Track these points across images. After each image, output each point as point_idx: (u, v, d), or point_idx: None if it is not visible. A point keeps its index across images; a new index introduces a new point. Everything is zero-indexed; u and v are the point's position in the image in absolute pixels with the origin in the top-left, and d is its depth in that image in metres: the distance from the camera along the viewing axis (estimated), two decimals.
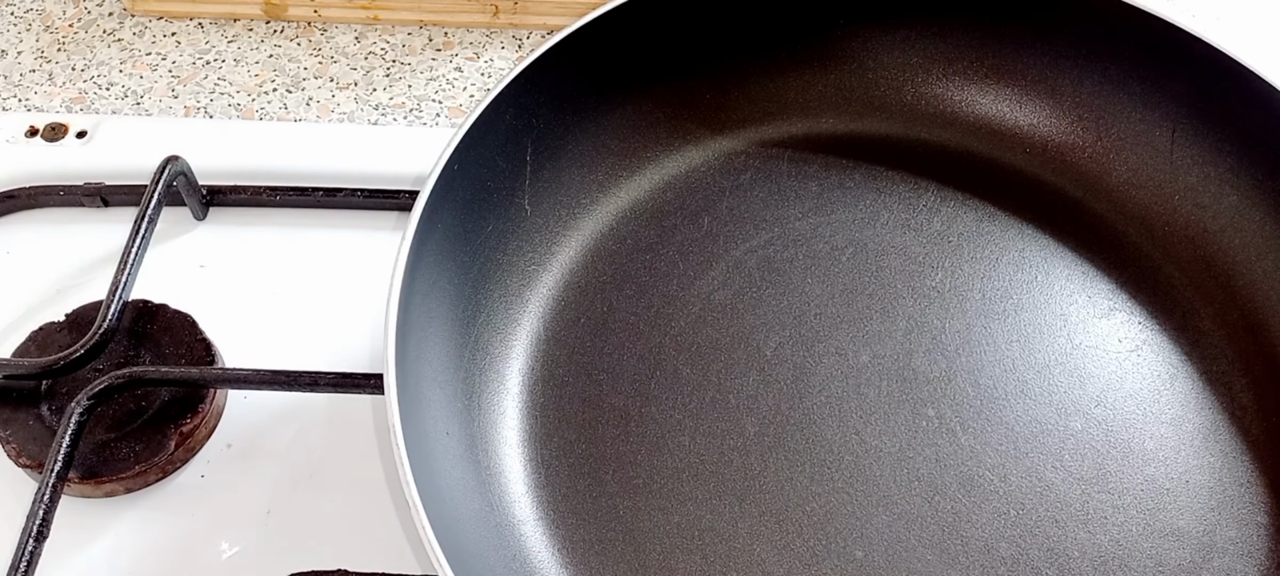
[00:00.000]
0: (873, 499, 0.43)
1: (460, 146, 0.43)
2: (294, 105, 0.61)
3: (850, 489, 0.43)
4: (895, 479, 0.44)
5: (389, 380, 0.38)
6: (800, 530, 0.43)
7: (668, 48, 0.50)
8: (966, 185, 0.51)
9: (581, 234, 0.49)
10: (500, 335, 0.46)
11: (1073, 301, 0.48)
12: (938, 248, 0.49)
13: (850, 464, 0.44)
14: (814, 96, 0.52)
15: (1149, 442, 0.44)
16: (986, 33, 0.51)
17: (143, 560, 0.45)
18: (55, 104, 0.61)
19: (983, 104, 0.52)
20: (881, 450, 0.44)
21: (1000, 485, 0.44)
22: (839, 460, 0.44)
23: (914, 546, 0.42)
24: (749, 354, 0.47)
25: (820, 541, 0.42)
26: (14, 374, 0.47)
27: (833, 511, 0.43)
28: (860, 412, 0.45)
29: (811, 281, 0.49)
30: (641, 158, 0.51)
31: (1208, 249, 0.48)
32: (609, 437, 0.45)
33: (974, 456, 0.44)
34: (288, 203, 0.54)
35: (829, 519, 0.43)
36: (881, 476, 0.44)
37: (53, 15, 0.65)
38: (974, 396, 0.46)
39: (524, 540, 0.42)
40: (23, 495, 0.45)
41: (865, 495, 0.43)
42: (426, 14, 0.64)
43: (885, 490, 0.43)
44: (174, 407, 0.47)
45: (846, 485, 0.44)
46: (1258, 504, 0.43)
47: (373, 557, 0.43)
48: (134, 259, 0.49)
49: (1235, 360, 0.46)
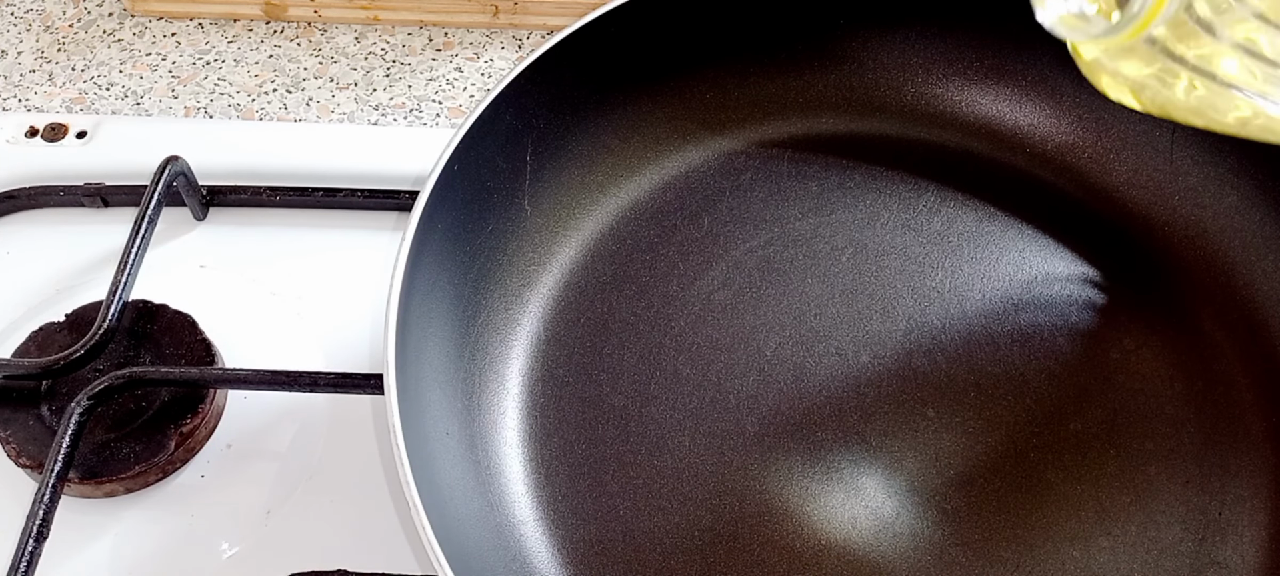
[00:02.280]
0: (872, 499, 0.43)
1: (460, 146, 0.43)
2: (294, 105, 0.61)
3: (850, 489, 0.43)
4: (895, 479, 0.44)
5: (389, 380, 0.38)
6: (800, 530, 0.43)
7: (667, 48, 0.50)
8: (966, 185, 0.51)
9: (581, 234, 0.49)
10: (500, 335, 0.46)
11: (1073, 302, 0.48)
12: (938, 248, 0.49)
13: (850, 464, 0.44)
14: (814, 96, 0.52)
15: (1149, 442, 0.44)
16: (986, 33, 0.51)
17: (143, 560, 0.45)
18: (55, 104, 0.61)
19: (983, 104, 0.52)
20: (881, 450, 0.44)
21: (1000, 485, 0.44)
22: (839, 460, 0.44)
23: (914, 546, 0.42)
24: (749, 354, 0.47)
25: (820, 542, 0.42)
26: (14, 374, 0.47)
27: (833, 512, 0.43)
28: (860, 412, 0.45)
29: (811, 281, 0.49)
30: (641, 158, 0.51)
31: (1208, 249, 0.48)
32: (609, 437, 0.45)
33: (974, 456, 0.44)
34: (288, 203, 0.54)
35: (829, 520, 0.43)
36: (882, 477, 0.44)
37: (53, 15, 0.65)
38: (974, 397, 0.46)
39: (524, 540, 0.42)
40: (23, 495, 0.45)
41: (865, 496, 0.43)
42: (426, 14, 0.64)
43: (885, 491, 0.43)
44: (174, 408, 0.47)
45: (847, 486, 0.44)
46: (1258, 504, 0.43)
47: (373, 557, 0.43)
48: (134, 259, 0.49)
49: (1235, 360, 0.46)
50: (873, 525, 0.43)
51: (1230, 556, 0.42)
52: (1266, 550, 0.42)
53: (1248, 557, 0.42)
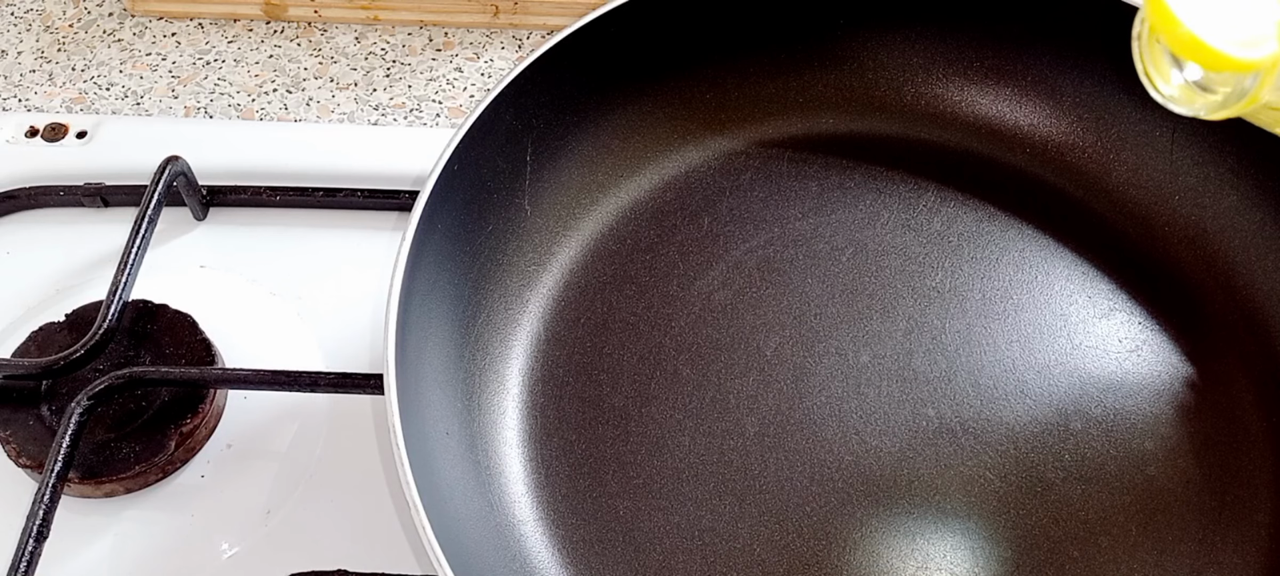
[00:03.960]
0: (872, 499, 0.43)
1: (460, 146, 0.43)
2: (294, 105, 0.61)
3: (850, 489, 0.43)
4: (895, 479, 0.44)
5: (389, 380, 0.38)
6: (800, 530, 0.43)
7: (668, 48, 0.50)
8: (966, 185, 0.51)
9: (581, 234, 0.49)
10: (500, 335, 0.46)
11: (1073, 301, 0.48)
12: (938, 248, 0.49)
13: (850, 464, 0.44)
14: (814, 96, 0.52)
15: (1149, 442, 0.44)
16: (986, 33, 0.51)
17: (143, 560, 0.45)
18: (55, 104, 0.61)
19: (983, 104, 0.52)
20: (881, 450, 0.44)
21: (1000, 485, 0.44)
22: (839, 460, 0.44)
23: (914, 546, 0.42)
24: (749, 354, 0.47)
25: (820, 542, 0.42)
26: (14, 374, 0.47)
27: (833, 512, 0.43)
28: (860, 412, 0.45)
29: (811, 281, 0.49)
30: (641, 158, 0.51)
31: (1208, 249, 0.48)
32: (609, 437, 0.45)
33: (974, 456, 0.44)
34: (288, 203, 0.54)
35: (829, 520, 0.43)
36: (882, 477, 0.44)
37: (53, 15, 0.65)
38: (974, 396, 0.46)
39: (524, 540, 0.42)
40: (23, 495, 0.45)
41: (865, 496, 0.43)
42: (426, 14, 0.64)
43: (885, 491, 0.43)
44: (174, 408, 0.47)
45: (846, 486, 0.44)
46: (1258, 504, 0.43)
47: (373, 557, 0.43)
48: (134, 259, 0.49)
49: (1235, 360, 0.46)
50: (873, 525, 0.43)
51: (1230, 556, 0.42)
52: (1266, 550, 0.42)
53: (1248, 557, 0.42)
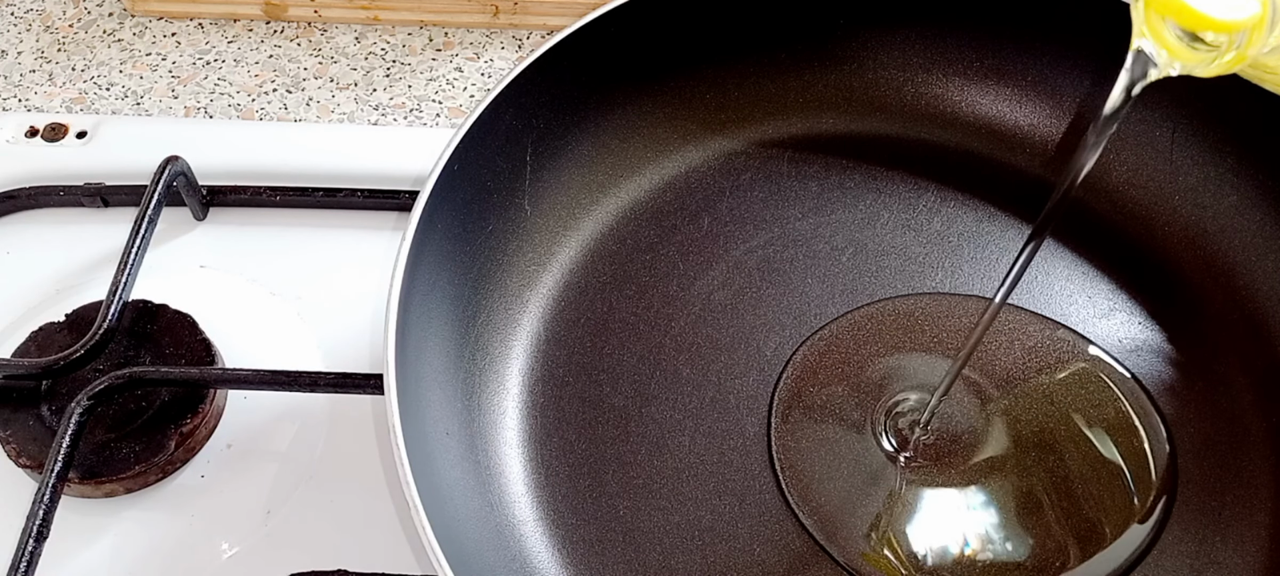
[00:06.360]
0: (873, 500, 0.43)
1: (460, 146, 0.43)
2: (294, 105, 0.61)
3: (850, 490, 0.43)
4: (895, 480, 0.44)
5: (389, 380, 0.38)
6: (800, 531, 0.43)
7: (667, 48, 0.50)
8: (966, 185, 0.51)
9: (581, 234, 0.49)
10: (500, 335, 0.46)
11: (1073, 301, 0.48)
12: (938, 248, 0.49)
13: (850, 464, 0.44)
14: (814, 96, 0.52)
15: (1148, 443, 0.44)
16: (986, 33, 0.51)
17: (143, 560, 0.45)
18: (55, 104, 0.61)
19: (983, 104, 0.52)
20: (881, 450, 0.44)
21: (1000, 481, 0.44)
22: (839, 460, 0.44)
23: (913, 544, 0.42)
24: (749, 354, 0.47)
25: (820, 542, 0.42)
26: (14, 374, 0.47)
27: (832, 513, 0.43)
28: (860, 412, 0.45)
29: (811, 281, 0.49)
30: (641, 158, 0.51)
31: (1208, 249, 0.48)
32: (609, 437, 0.45)
33: (974, 453, 0.44)
34: (288, 203, 0.54)
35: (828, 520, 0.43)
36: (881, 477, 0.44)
37: (53, 15, 0.65)
38: (974, 396, 0.45)
39: (524, 540, 0.42)
40: (23, 495, 0.45)
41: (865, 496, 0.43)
42: (426, 14, 0.64)
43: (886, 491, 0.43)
44: (174, 408, 0.47)
45: (846, 486, 0.44)
46: (1258, 504, 0.43)
47: (373, 557, 0.43)
48: (134, 259, 0.49)
49: (1235, 360, 0.46)
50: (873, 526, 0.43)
51: (1230, 556, 0.42)
52: (1266, 550, 0.42)
53: (1248, 557, 0.42)
